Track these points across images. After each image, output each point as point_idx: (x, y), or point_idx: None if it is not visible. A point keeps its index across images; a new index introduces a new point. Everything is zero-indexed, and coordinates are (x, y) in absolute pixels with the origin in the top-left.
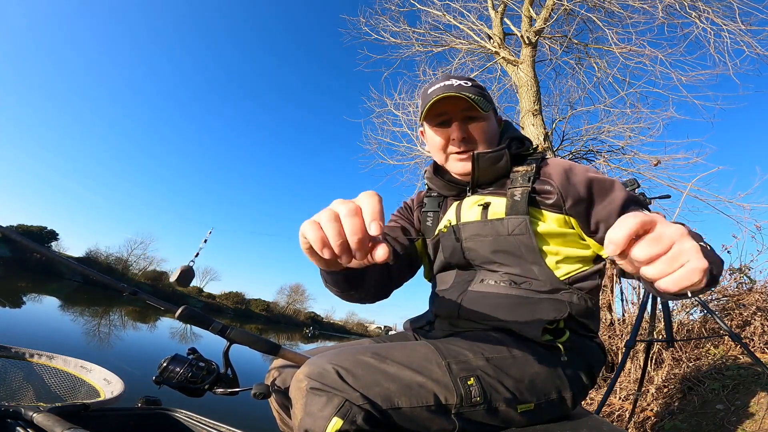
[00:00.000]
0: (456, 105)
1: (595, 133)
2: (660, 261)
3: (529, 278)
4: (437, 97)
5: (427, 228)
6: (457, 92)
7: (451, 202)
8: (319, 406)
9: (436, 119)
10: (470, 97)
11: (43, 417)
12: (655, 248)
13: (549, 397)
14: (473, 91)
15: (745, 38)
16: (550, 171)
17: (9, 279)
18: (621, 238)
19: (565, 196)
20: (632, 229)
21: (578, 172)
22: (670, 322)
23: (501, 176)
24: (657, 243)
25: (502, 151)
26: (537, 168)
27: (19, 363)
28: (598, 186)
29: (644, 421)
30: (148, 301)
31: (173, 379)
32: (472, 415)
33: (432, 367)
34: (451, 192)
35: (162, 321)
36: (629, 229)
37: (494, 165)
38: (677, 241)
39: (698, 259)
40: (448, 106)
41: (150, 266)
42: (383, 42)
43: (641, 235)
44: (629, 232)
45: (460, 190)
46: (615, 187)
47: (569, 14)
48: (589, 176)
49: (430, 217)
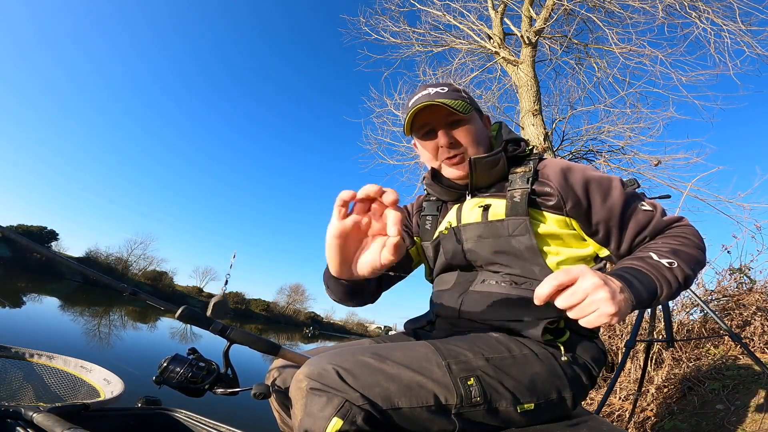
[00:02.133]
0: (436, 113)
1: (595, 133)
2: (576, 309)
3: (529, 278)
4: (414, 109)
5: (426, 231)
6: (433, 100)
7: (450, 205)
8: (319, 407)
9: (421, 131)
10: (446, 104)
11: (43, 417)
12: (571, 300)
13: (549, 397)
14: (451, 96)
15: (745, 38)
16: (548, 172)
17: (9, 279)
18: (543, 295)
19: (565, 197)
20: (553, 288)
21: (576, 172)
22: (670, 322)
23: (499, 179)
24: (572, 296)
25: (498, 155)
26: (535, 169)
27: (19, 363)
28: (597, 186)
29: (644, 421)
30: (148, 301)
31: (173, 379)
32: (472, 416)
33: (432, 367)
34: (450, 197)
35: (162, 321)
36: (550, 287)
37: (491, 169)
38: (591, 293)
39: (608, 306)
40: (428, 116)
41: (150, 266)
42: (383, 42)
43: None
44: (550, 291)
45: (459, 194)
46: (613, 185)
47: (569, 14)
48: (587, 176)
49: (428, 220)
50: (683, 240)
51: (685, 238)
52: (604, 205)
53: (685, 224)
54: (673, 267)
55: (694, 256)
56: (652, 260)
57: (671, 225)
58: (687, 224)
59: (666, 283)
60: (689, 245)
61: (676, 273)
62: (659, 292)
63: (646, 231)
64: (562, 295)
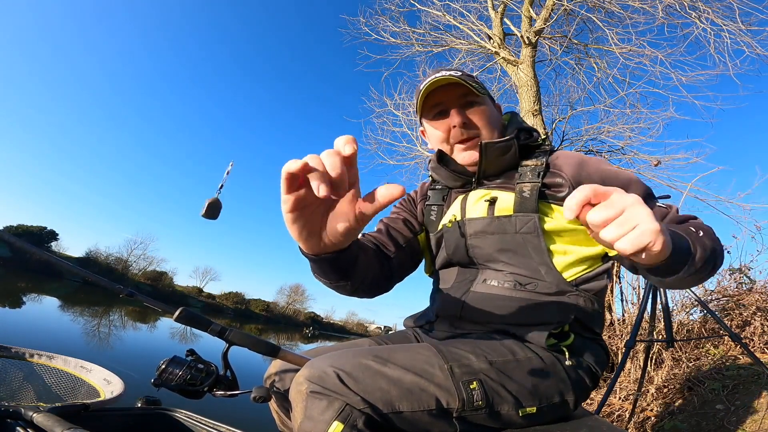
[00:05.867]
0: (450, 92)
1: (595, 133)
2: (613, 224)
3: (535, 279)
4: (428, 83)
5: (431, 222)
6: (448, 78)
7: (455, 195)
8: (320, 410)
9: (433, 111)
10: (463, 81)
11: (43, 417)
12: (607, 213)
13: (551, 401)
14: (465, 78)
15: (745, 38)
16: (561, 163)
17: (9, 279)
18: (575, 203)
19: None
20: (586, 194)
21: (592, 164)
22: (669, 322)
23: (509, 168)
24: (608, 208)
25: (510, 142)
26: (546, 162)
27: (19, 363)
28: (614, 179)
29: (644, 421)
30: (145, 302)
31: (172, 382)
32: (474, 419)
33: (434, 370)
34: (456, 183)
35: (162, 321)
36: (583, 194)
37: (502, 156)
38: (629, 207)
39: (650, 222)
40: (442, 95)
41: (150, 266)
42: (383, 42)
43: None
44: (583, 198)
45: (465, 181)
46: (632, 180)
47: (569, 14)
48: (603, 168)
49: (434, 210)
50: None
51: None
52: None
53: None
54: (701, 236)
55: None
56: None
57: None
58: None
59: (700, 246)
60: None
61: (706, 242)
62: (693, 250)
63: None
64: (596, 207)
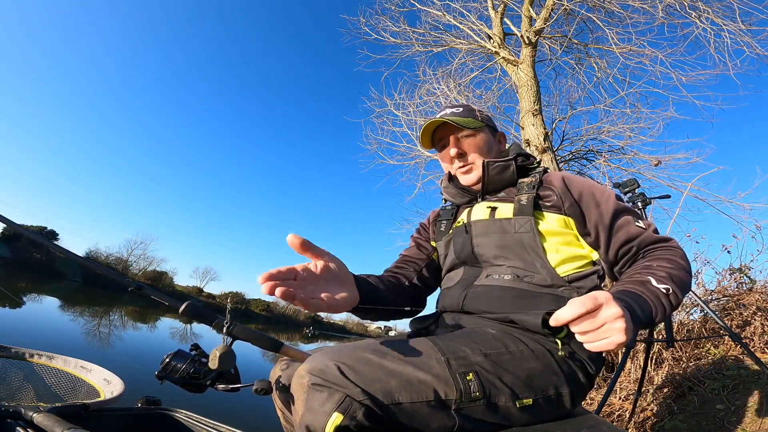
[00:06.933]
0: (448, 130)
1: (595, 133)
2: (589, 334)
3: (531, 272)
4: (427, 126)
5: (441, 232)
6: (442, 119)
7: (462, 210)
8: (320, 402)
9: (439, 144)
10: (454, 120)
11: (43, 417)
12: (588, 327)
13: (546, 393)
14: (463, 115)
15: (745, 38)
16: (551, 179)
17: (9, 279)
18: (563, 319)
19: (564, 198)
20: (575, 314)
21: (576, 180)
22: (670, 322)
23: (508, 185)
24: (591, 324)
25: (509, 162)
26: (540, 179)
27: (19, 363)
28: (595, 192)
29: (644, 421)
30: (153, 296)
31: (175, 375)
32: (472, 411)
33: (431, 362)
34: (463, 200)
35: (162, 321)
36: (572, 314)
37: (502, 173)
38: (609, 321)
39: (620, 336)
40: (443, 131)
41: (150, 266)
42: (383, 42)
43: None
44: (572, 317)
45: (471, 197)
46: (608, 195)
47: (569, 14)
48: (586, 184)
49: (443, 224)
50: (677, 264)
51: (678, 263)
52: (598, 209)
53: (675, 246)
54: (669, 294)
55: (686, 282)
56: (651, 286)
57: (659, 242)
58: (677, 246)
59: (661, 310)
60: (681, 269)
61: (671, 299)
62: (655, 317)
63: (634, 243)
64: (582, 321)
